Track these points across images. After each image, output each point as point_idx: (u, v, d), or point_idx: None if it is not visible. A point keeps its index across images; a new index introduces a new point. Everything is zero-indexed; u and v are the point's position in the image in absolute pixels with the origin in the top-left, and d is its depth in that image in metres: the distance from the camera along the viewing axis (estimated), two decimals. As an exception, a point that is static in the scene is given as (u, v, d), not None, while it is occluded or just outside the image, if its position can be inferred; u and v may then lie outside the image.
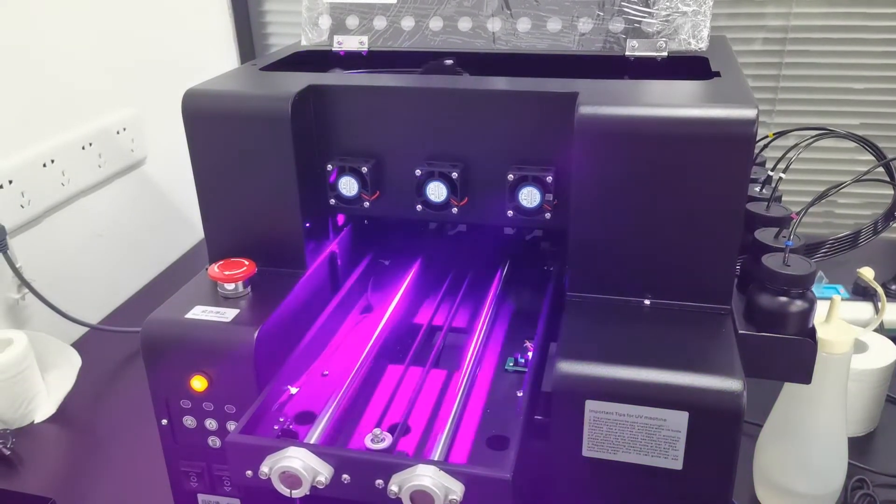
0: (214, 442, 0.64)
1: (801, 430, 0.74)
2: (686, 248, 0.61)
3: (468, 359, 0.66)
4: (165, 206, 1.29)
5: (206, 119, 0.67)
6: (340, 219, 0.78)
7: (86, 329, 1.10)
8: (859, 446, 0.84)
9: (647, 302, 0.63)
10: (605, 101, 0.60)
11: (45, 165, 1.01)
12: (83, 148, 1.09)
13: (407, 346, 0.70)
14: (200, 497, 0.67)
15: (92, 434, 0.91)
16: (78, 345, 1.07)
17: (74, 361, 1.00)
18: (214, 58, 1.46)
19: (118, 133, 1.17)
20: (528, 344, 0.70)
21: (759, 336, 0.59)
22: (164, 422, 0.65)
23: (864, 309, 0.99)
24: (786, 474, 0.75)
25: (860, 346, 0.85)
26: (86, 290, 1.12)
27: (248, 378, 0.60)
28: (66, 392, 0.96)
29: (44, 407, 0.94)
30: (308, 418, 0.61)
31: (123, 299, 1.20)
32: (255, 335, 0.60)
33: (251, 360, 0.60)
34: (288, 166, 0.66)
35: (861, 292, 1.01)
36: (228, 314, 0.63)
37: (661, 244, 0.61)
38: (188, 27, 1.36)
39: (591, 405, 0.55)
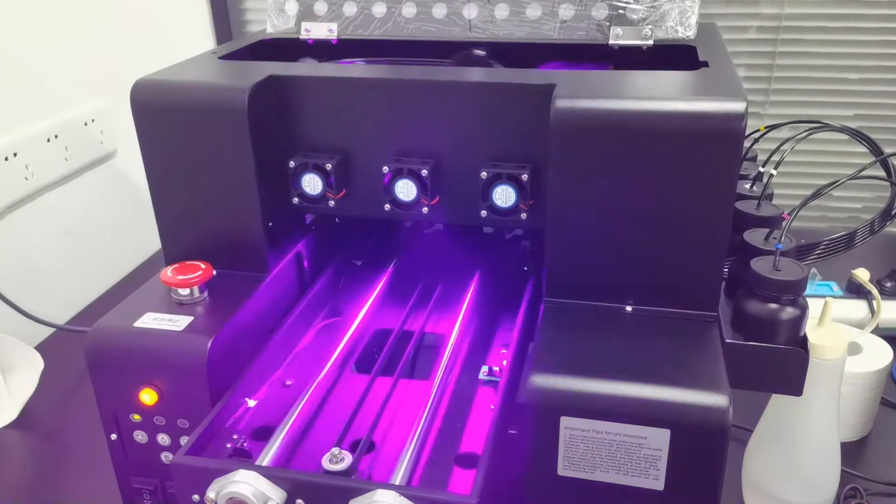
0: (168, 458, 0.60)
1: (793, 437, 0.71)
2: (670, 251, 0.57)
3: (440, 368, 0.62)
4: (137, 201, 1.24)
5: (156, 111, 0.62)
6: (308, 218, 0.74)
7: (52, 330, 1.06)
8: (852, 452, 0.80)
9: (628, 308, 0.59)
10: (583, 94, 0.56)
11: (7, 159, 0.97)
12: (48, 140, 1.04)
13: (376, 354, 0.66)
14: (155, 515, 0.64)
15: (56, 440, 0.87)
16: (44, 346, 1.03)
17: (36, 363, 0.96)
18: (190, 46, 1.41)
19: (86, 124, 1.12)
20: (504, 351, 0.66)
21: (746, 345, 0.56)
22: (114, 436, 0.61)
23: (858, 307, 0.95)
24: (776, 483, 0.72)
25: (854, 348, 0.82)
26: (52, 289, 1.08)
27: (201, 391, 0.56)
28: (28, 396, 0.92)
29: (5, 411, 0.90)
30: (267, 433, 0.57)
31: (93, 298, 1.15)
32: (209, 345, 0.56)
33: (203, 372, 0.56)
34: (246, 162, 0.62)
35: (855, 290, 0.98)
36: (181, 322, 0.59)
37: (644, 247, 0.58)
38: (162, 13, 1.31)
39: (566, 422, 0.51)
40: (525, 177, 0.60)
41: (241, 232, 0.64)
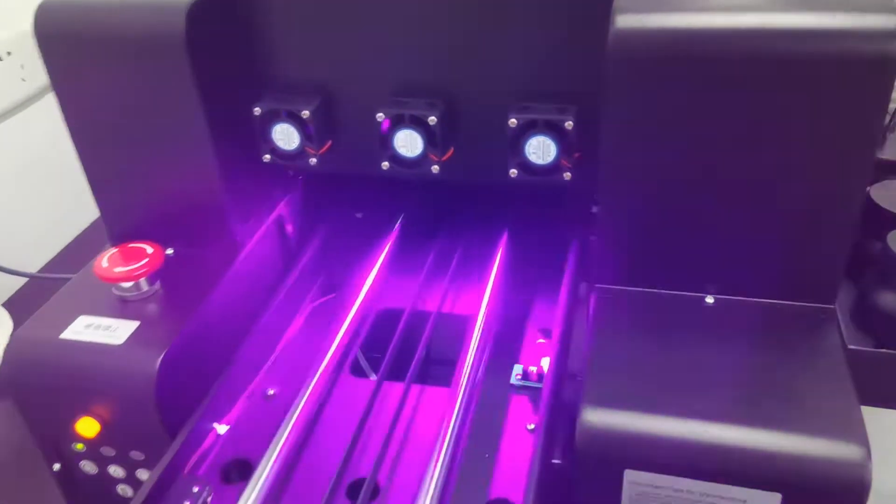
0: (125, 491, 0.49)
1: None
2: (772, 222, 0.42)
3: (462, 372, 0.48)
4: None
5: (67, 44, 0.46)
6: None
7: (24, 280, 0.94)
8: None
9: (709, 299, 0.44)
10: (655, 7, 0.39)
11: (-47, 81, 0.82)
12: (1, 59, 0.88)
13: (381, 349, 0.53)
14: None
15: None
16: (15, 300, 0.91)
17: (4, 324, 0.84)
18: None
19: (43, 39, 0.95)
20: (543, 341, 0.52)
21: (877, 354, 0.41)
22: (57, 466, 0.49)
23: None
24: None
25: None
26: (19, 232, 0.95)
27: (152, 423, 0.44)
28: (-3, 363, 0.81)
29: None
30: (242, 471, 0.45)
31: (68, 240, 1.02)
32: (158, 364, 0.43)
33: (151, 400, 0.43)
34: (192, 109, 0.46)
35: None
36: (121, 330, 0.45)
37: (734, 216, 0.42)
38: None
39: (632, 476, 0.38)
40: (569, 124, 0.44)
41: (198, 200, 0.50)
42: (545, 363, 0.50)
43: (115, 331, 0.45)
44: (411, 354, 0.52)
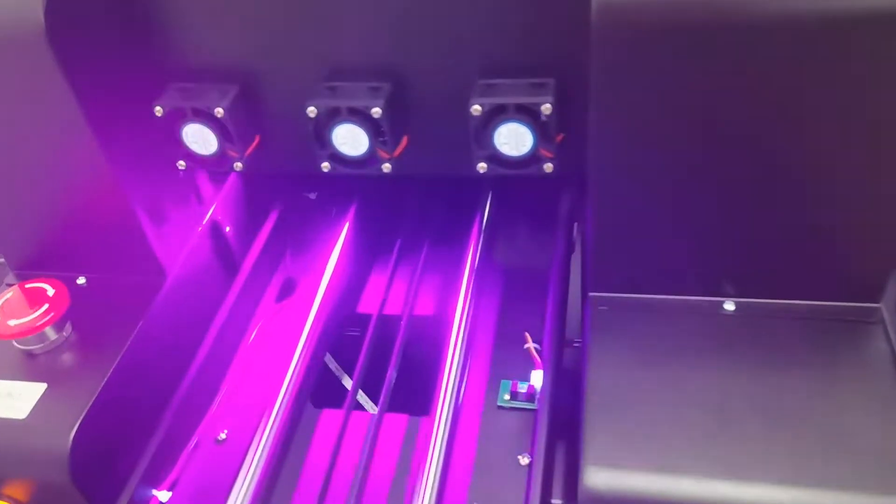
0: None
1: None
2: (799, 206, 0.34)
3: (442, 398, 0.41)
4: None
5: None
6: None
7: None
8: None
9: (728, 306, 0.37)
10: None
11: None
12: None
13: (346, 366, 0.46)
14: None
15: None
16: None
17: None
18: None
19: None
20: (529, 344, 0.45)
21: (936, 366, 0.34)
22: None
23: None
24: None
25: None
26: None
27: (74, 502, 0.37)
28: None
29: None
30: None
31: None
32: (70, 439, 0.36)
33: (67, 480, 0.36)
34: (69, 113, 0.37)
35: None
36: (25, 398, 0.38)
37: (752, 202, 0.34)
38: None
39: (649, 548, 0.31)
40: (547, 107, 0.35)
41: (103, 218, 0.41)
42: (537, 379, 0.42)
43: (17, 399, 0.38)
44: (382, 371, 0.45)
